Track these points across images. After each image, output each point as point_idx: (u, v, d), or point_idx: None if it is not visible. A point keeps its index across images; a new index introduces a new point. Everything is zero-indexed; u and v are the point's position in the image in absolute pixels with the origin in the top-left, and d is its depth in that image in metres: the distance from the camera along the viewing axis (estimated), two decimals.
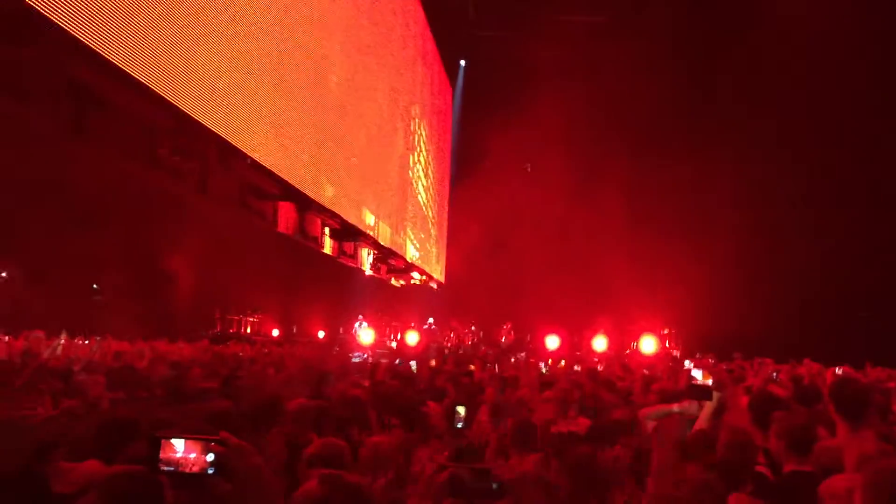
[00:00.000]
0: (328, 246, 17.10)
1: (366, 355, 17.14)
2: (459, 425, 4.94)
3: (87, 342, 12.15)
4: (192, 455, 2.13)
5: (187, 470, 2.13)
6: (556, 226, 24.39)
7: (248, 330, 20.88)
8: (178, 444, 2.14)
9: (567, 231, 24.28)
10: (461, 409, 4.91)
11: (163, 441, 2.15)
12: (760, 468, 3.78)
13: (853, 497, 2.36)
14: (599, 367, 12.09)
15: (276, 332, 21.61)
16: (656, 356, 19.14)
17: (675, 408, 4.98)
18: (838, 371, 10.47)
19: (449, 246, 28.94)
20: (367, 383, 7.54)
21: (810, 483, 3.46)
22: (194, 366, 10.24)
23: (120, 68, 7.83)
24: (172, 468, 2.14)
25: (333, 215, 16.03)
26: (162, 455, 2.14)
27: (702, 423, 4.55)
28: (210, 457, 2.12)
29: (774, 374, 10.06)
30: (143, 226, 12.84)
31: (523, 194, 23.10)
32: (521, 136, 21.87)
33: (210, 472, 2.12)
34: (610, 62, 22.45)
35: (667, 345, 22.80)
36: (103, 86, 8.13)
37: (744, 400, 5.17)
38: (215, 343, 15.51)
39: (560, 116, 22.68)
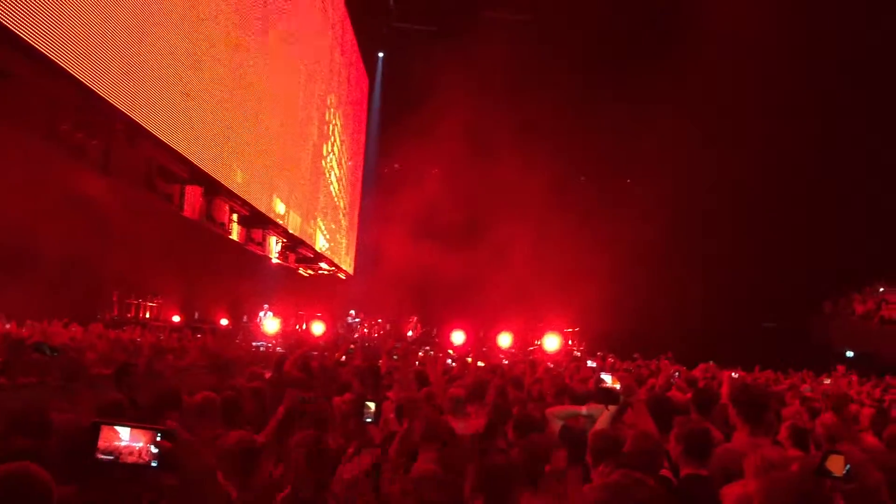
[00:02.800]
0: (235, 232, 16.69)
1: (269, 344, 16.87)
2: (368, 420, 4.92)
3: None
4: (136, 444, 1.97)
5: (128, 460, 1.97)
6: (466, 222, 24.60)
7: (147, 315, 20.19)
8: (121, 432, 1.98)
9: (476, 227, 24.52)
10: (371, 405, 4.90)
11: (103, 427, 1.98)
12: (663, 471, 3.88)
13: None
14: (505, 362, 12.27)
15: (176, 318, 20.98)
16: (558, 354, 19.53)
17: (584, 410, 5.08)
18: (734, 375, 10.90)
19: (359, 238, 28.77)
20: (268, 374, 7.38)
21: (705, 487, 3.58)
22: (87, 350, 9.84)
23: (18, 36, 7.39)
24: (112, 457, 1.97)
25: (243, 202, 15.65)
26: (101, 443, 1.97)
27: (602, 424, 4.64)
28: (155, 448, 1.97)
29: (676, 373, 10.41)
30: (39, 201, 12.21)
31: (435, 190, 23.17)
32: (438, 132, 21.90)
33: (153, 464, 1.97)
34: (530, 58, 22.75)
35: (570, 343, 23.32)
36: (1, 55, 7.65)
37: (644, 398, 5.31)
38: (111, 327, 14.91)
39: (477, 113, 22.83)
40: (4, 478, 2.53)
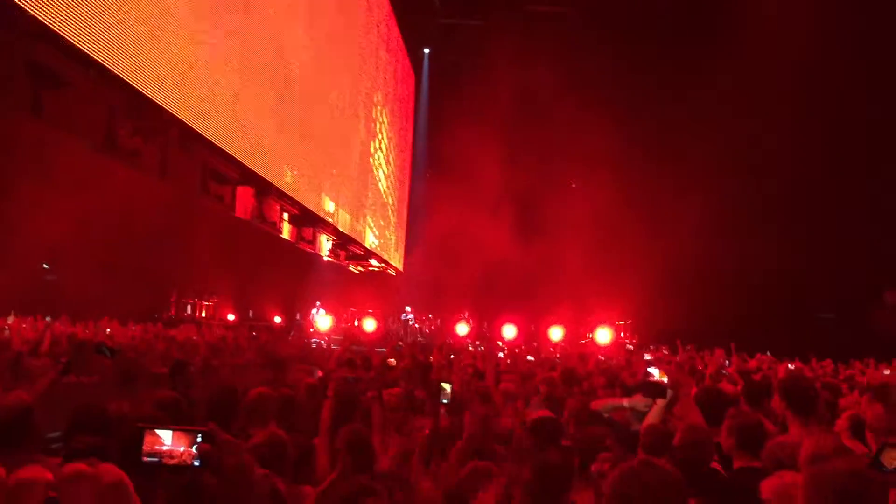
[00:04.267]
0: (287, 231, 16.95)
1: (322, 341, 17.10)
2: (445, 401, 4.99)
3: (36, 324, 11.91)
4: (177, 447, 2.09)
5: (171, 461, 2.10)
6: (516, 215, 24.50)
7: (204, 314, 20.64)
8: (163, 436, 2.10)
9: (527, 220, 24.40)
10: (447, 386, 4.96)
11: (146, 431, 2.11)
12: (713, 464, 3.85)
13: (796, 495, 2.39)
14: (557, 356, 12.26)
15: (231, 317, 21.40)
16: (611, 347, 19.38)
17: (625, 402, 5.05)
18: (790, 366, 10.69)
19: (408, 234, 28.88)
20: (320, 373, 7.46)
21: (759, 479, 3.54)
22: (145, 349, 10.09)
23: (79, 48, 7.62)
24: (156, 459, 2.10)
25: (293, 201, 15.87)
26: (145, 446, 2.10)
27: (652, 418, 4.60)
28: (195, 449, 2.09)
29: (727, 362, 10.25)
30: (98, 205, 12.57)
31: (484, 184, 23.09)
32: (486, 126, 21.85)
33: (196, 463, 2.09)
34: (572, 51, 22.56)
35: (622, 336, 23.10)
36: (62, 66, 7.90)
37: (694, 391, 5.25)
38: (169, 327, 15.29)
39: (523, 107, 22.73)
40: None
